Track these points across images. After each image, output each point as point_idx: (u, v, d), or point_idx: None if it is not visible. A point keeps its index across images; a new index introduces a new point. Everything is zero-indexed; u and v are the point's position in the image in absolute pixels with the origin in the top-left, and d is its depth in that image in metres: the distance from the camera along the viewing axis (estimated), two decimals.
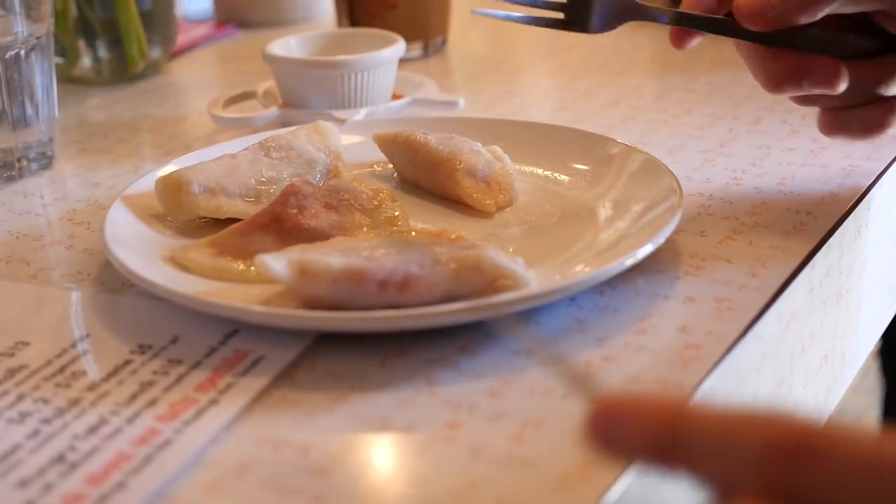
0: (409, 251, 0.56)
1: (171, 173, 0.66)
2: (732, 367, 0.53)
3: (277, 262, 0.54)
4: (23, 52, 0.77)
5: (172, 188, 0.66)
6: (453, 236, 0.60)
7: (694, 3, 0.64)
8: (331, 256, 0.55)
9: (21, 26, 0.77)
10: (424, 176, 0.70)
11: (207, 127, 0.88)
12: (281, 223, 0.62)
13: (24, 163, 0.80)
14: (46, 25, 0.79)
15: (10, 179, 0.79)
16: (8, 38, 0.77)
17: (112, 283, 0.62)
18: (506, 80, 0.99)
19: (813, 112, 0.69)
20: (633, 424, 0.35)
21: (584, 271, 0.56)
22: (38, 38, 0.78)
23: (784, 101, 0.86)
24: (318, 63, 0.83)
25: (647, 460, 0.34)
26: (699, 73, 0.95)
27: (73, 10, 0.99)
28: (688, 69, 0.97)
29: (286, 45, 0.87)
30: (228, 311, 0.54)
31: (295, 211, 0.62)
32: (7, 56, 0.76)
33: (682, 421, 0.34)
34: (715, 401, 0.52)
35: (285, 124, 0.84)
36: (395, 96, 0.87)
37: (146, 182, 0.68)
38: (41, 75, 0.79)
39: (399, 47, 0.85)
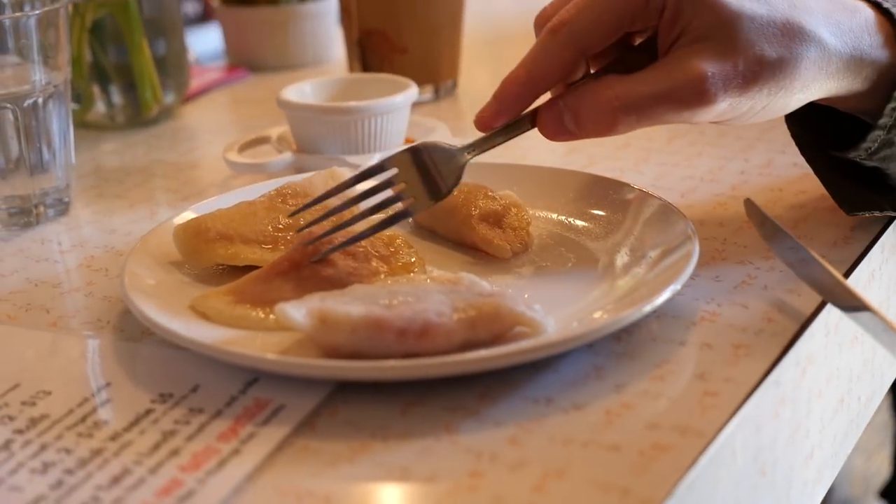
0: (426, 299, 0.57)
1: (188, 221, 0.67)
2: (751, 413, 0.53)
3: (297, 311, 0.55)
4: (41, 101, 0.78)
5: (190, 235, 0.66)
6: (469, 282, 0.60)
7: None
8: (350, 305, 0.56)
9: (39, 74, 0.78)
10: (440, 222, 0.70)
11: (222, 172, 0.88)
12: (299, 270, 0.62)
13: (42, 209, 0.81)
14: (64, 74, 0.80)
15: (28, 226, 0.80)
16: (26, 87, 0.78)
17: (132, 330, 0.63)
18: None
19: None
20: None
21: (602, 319, 0.57)
22: (55, 86, 0.79)
23: (792, 146, 0.87)
24: (331, 109, 0.83)
25: None
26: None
27: (87, 56, 1.00)
28: None
29: (300, 91, 0.88)
30: (248, 360, 0.55)
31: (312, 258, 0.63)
32: (25, 104, 0.77)
33: None
34: (734, 448, 0.52)
35: (300, 170, 0.84)
36: (408, 140, 0.88)
37: (164, 229, 0.69)
38: (58, 122, 0.80)
39: (411, 93, 0.86)
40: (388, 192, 0.65)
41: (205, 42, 1.31)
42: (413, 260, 0.66)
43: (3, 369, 0.60)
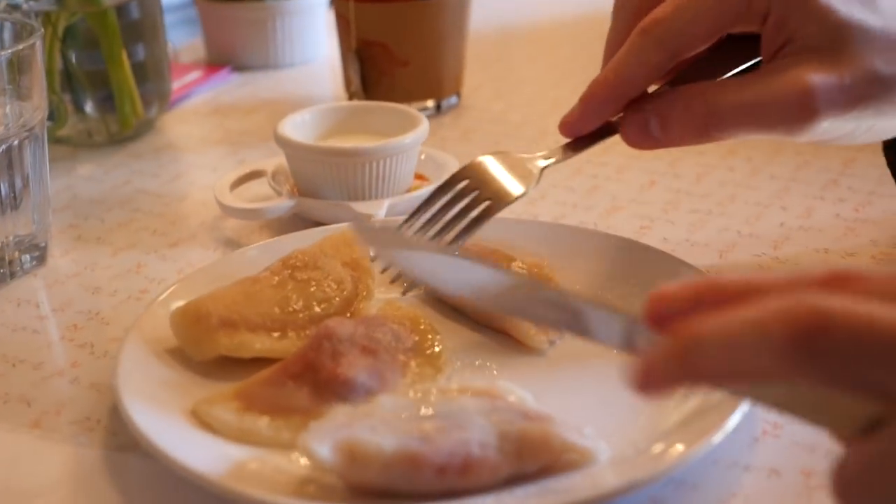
0: (465, 424, 0.50)
1: (187, 305, 0.60)
2: None
3: (323, 447, 0.48)
4: (16, 143, 0.70)
5: (190, 323, 0.59)
6: (508, 396, 0.54)
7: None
8: (382, 436, 0.49)
9: (11, 112, 0.70)
10: (466, 302, 0.64)
11: (211, 209, 0.81)
12: (316, 373, 0.56)
13: (17, 256, 0.73)
14: (40, 112, 0.72)
15: (1, 280, 0.72)
16: (0, 130, 0.70)
17: (125, 435, 0.56)
18: (528, 147, 0.92)
19: (865, 202, 0.63)
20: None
21: (666, 455, 0.50)
22: (30, 129, 0.71)
23: (832, 187, 0.81)
24: (335, 151, 0.76)
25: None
26: (736, 146, 0.89)
27: (58, 62, 0.91)
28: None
29: (299, 123, 0.80)
30: None
31: (330, 359, 0.56)
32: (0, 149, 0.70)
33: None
34: None
35: (299, 216, 0.77)
36: (418, 177, 0.81)
37: (158, 309, 0.62)
38: (34, 165, 0.72)
39: (423, 129, 0.78)
40: (462, 203, 0.62)
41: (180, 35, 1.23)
42: (438, 349, 0.60)
43: None
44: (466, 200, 0.62)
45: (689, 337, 0.36)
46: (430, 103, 0.99)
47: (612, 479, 0.49)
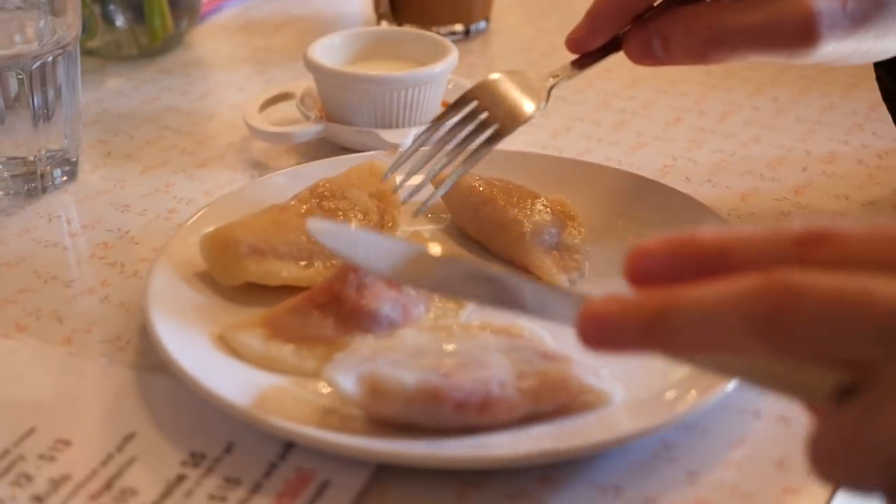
0: (486, 362, 0.52)
1: (217, 231, 0.61)
2: None
3: (348, 380, 0.50)
4: (49, 60, 0.71)
5: (219, 249, 0.60)
6: (529, 335, 0.55)
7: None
8: (404, 371, 0.51)
9: (45, 26, 0.71)
10: (488, 237, 0.65)
11: (240, 129, 0.82)
12: (340, 304, 0.57)
13: (48, 169, 0.74)
14: (75, 28, 0.72)
15: (32, 195, 0.73)
16: (33, 46, 0.70)
17: (154, 357, 0.57)
18: None
19: (889, 149, 0.64)
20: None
21: (679, 401, 0.51)
22: (64, 46, 0.72)
23: (857, 132, 0.81)
24: (366, 78, 0.76)
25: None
26: (763, 84, 0.89)
27: None
28: (750, 78, 0.91)
29: (328, 47, 0.81)
30: (289, 434, 0.50)
31: (355, 291, 0.57)
32: (34, 67, 0.70)
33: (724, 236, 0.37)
34: None
35: (326, 141, 0.78)
36: (444, 104, 0.82)
37: (187, 233, 0.63)
38: (68, 83, 0.73)
39: (452, 59, 0.79)
40: (471, 126, 0.62)
41: None
42: None
43: (18, 404, 0.55)
44: (475, 124, 0.62)
45: (663, 306, 0.36)
46: (459, 27, 0.98)
47: (627, 423, 0.50)
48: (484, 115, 0.62)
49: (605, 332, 0.37)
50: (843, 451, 0.34)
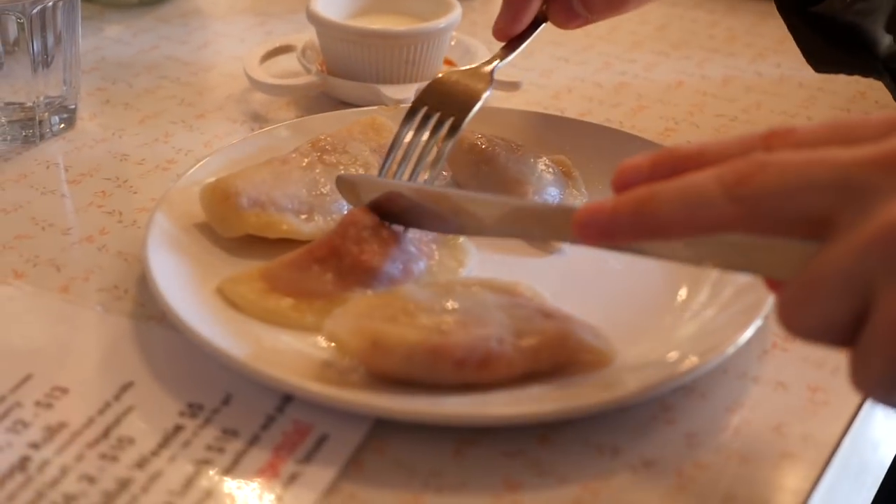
0: (485, 319, 0.52)
1: (216, 182, 0.61)
2: (835, 473, 0.49)
3: (347, 334, 0.50)
4: (50, 4, 0.70)
5: (219, 200, 0.60)
6: (529, 294, 0.55)
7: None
8: (404, 326, 0.50)
9: None
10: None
11: (239, 80, 0.81)
12: (340, 258, 0.57)
13: (46, 115, 0.74)
14: None
15: (30, 141, 0.73)
16: None
17: (152, 307, 0.57)
18: (557, 39, 0.92)
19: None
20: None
21: (681, 364, 0.51)
22: None
23: (859, 100, 0.81)
24: (368, 33, 0.76)
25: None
26: (765, 50, 0.89)
27: None
28: (753, 43, 0.90)
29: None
30: (287, 387, 0.50)
31: (355, 245, 0.57)
32: (34, 12, 0.69)
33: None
34: None
35: (326, 95, 0.77)
36: (447, 61, 0.81)
37: (186, 183, 0.62)
38: (67, 28, 0.72)
39: (456, 15, 0.78)
40: (426, 132, 0.64)
41: None
42: (460, 241, 0.61)
43: (14, 350, 0.55)
44: (431, 124, 0.63)
45: (651, 191, 0.41)
46: None
47: (627, 384, 0.50)
48: (437, 116, 0.64)
49: (600, 223, 0.42)
50: (804, 290, 0.38)
